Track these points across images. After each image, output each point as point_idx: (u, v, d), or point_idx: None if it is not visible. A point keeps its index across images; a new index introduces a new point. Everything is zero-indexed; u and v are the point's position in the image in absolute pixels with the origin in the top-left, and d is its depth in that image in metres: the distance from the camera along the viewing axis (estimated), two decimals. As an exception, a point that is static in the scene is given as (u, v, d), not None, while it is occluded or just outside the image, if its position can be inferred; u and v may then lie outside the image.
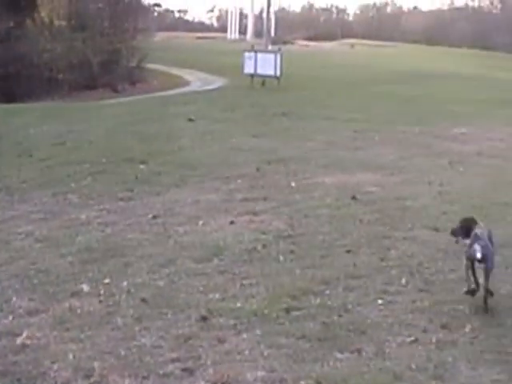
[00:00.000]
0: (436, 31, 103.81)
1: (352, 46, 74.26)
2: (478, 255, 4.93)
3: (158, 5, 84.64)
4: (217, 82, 31.91)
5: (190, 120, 15.46)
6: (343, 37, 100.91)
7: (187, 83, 32.71)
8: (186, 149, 11.60)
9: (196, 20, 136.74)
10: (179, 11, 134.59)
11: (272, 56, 28.02)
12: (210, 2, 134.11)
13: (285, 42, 69.08)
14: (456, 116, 18.53)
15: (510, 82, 32.97)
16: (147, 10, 50.45)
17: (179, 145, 11.99)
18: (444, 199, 8.56)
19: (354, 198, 8.39)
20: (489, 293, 5.04)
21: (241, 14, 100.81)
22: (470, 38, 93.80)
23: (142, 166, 9.98)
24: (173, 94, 26.36)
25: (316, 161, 10.81)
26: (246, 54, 28.79)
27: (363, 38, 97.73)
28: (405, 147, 12.80)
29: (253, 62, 27.92)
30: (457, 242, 5.45)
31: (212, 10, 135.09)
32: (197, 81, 33.55)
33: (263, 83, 27.67)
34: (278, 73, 26.90)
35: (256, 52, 29.04)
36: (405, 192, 8.91)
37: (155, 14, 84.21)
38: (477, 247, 4.95)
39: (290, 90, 25.22)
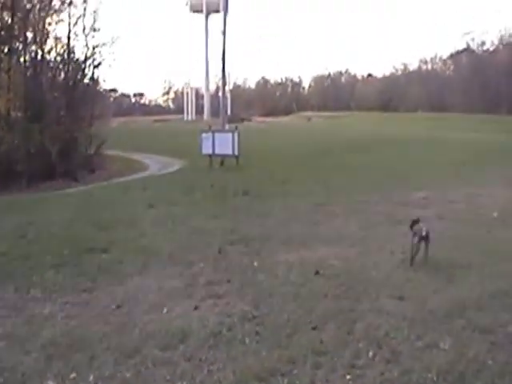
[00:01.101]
0: (391, 97, 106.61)
1: (309, 119, 75.79)
2: (424, 232, 8.66)
3: (114, 90, 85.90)
4: (176, 165, 32.20)
5: (150, 205, 15.54)
6: (299, 110, 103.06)
7: (146, 167, 32.94)
8: (147, 235, 11.64)
9: (152, 103, 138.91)
10: (135, 95, 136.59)
11: (229, 135, 28.50)
12: (166, 84, 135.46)
13: (242, 120, 70.35)
14: (415, 180, 19.00)
15: (466, 143, 33.94)
16: (103, 96, 51.10)
17: (140, 231, 12.03)
18: (407, 266, 8.73)
19: (317, 273, 8.49)
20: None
21: (197, 94, 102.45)
22: (425, 101, 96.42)
23: (103, 255, 9.97)
24: (132, 180, 26.47)
25: (278, 238, 10.95)
26: (204, 134, 29.25)
27: (319, 109, 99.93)
28: (365, 217, 13.06)
29: (210, 142, 28.37)
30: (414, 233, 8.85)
31: (167, 92, 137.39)
32: (156, 164, 33.81)
33: (222, 163, 28.08)
34: (236, 152, 27.35)
35: (213, 132, 29.54)
36: (368, 263, 9.06)
37: (112, 99, 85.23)
38: (424, 228, 8.77)
39: (248, 167, 25.61)
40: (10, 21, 31.92)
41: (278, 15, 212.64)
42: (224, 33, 37.87)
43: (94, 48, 35.41)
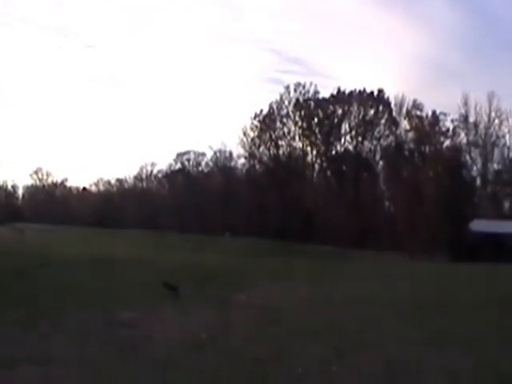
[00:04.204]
0: (106, 213, 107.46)
1: (22, 231, 73.12)
2: None
3: None
4: None
5: None
6: (13, 220, 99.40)
7: None
8: None
9: None
10: None
11: None
12: None
13: None
14: (123, 301, 19.21)
15: (178, 264, 35.09)
16: None
17: None
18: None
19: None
20: None
21: None
22: (140, 220, 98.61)
23: None
24: None
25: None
26: None
27: (33, 221, 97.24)
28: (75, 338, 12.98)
29: None
30: None
31: None
32: None
33: None
34: None
35: None
36: None
37: None
38: None
39: None
40: None
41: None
42: None
43: None
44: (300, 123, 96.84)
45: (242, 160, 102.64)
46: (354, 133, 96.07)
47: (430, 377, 10.25)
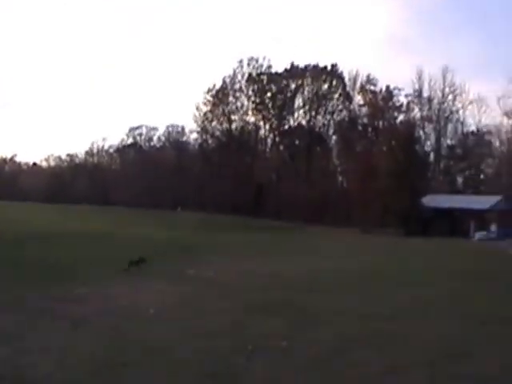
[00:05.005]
0: (56, 189, 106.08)
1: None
2: None
3: None
4: None
5: None
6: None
7: None
8: None
9: None
10: None
11: None
12: None
13: None
14: (73, 277, 19.15)
15: (129, 239, 34.98)
16: None
17: None
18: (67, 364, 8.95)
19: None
20: None
21: None
22: (91, 195, 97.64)
23: None
24: None
25: None
26: None
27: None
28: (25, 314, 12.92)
29: None
30: None
31: None
32: None
33: None
34: None
35: None
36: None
37: None
38: None
39: None
40: None
41: None
42: None
43: None
44: (253, 97, 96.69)
45: (195, 135, 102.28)
46: (307, 107, 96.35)
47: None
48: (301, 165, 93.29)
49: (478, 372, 8.81)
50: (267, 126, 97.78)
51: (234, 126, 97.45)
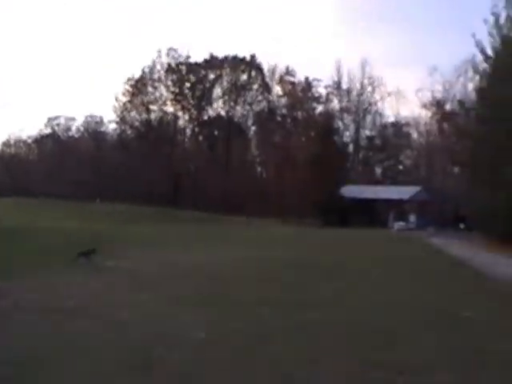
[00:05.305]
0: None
1: None
2: None
3: None
4: None
5: None
6: None
7: None
8: None
9: None
10: None
11: None
12: None
13: None
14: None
15: (48, 231, 34.37)
16: None
17: None
18: None
19: None
20: None
21: None
22: (9, 187, 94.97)
23: None
24: None
25: None
26: None
27: None
28: None
29: None
30: None
31: None
32: None
33: None
34: None
35: None
36: None
37: None
38: None
39: None
40: None
41: None
42: None
43: None
44: (172, 88, 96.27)
45: (114, 125, 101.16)
46: (226, 98, 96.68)
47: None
48: (220, 155, 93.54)
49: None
50: (186, 117, 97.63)
51: (152, 116, 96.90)
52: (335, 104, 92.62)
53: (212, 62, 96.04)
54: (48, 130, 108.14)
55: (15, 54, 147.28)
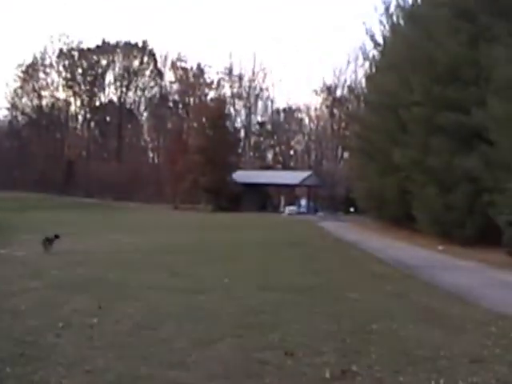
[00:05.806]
0: None
1: None
2: None
3: None
4: None
5: None
6: None
7: None
8: None
9: None
10: None
11: None
12: None
13: None
14: None
15: None
16: None
17: None
18: None
19: None
20: None
21: None
22: None
23: None
24: None
25: None
26: None
27: None
28: None
29: None
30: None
31: None
32: None
33: None
34: None
35: None
36: None
37: None
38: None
39: None
40: None
41: None
42: None
43: None
44: (64, 73, 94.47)
45: (5, 111, 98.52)
46: (118, 83, 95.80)
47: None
48: (112, 141, 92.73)
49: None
50: (78, 103, 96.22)
51: (44, 102, 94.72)
52: (227, 90, 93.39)
53: (104, 48, 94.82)
54: None
55: None
